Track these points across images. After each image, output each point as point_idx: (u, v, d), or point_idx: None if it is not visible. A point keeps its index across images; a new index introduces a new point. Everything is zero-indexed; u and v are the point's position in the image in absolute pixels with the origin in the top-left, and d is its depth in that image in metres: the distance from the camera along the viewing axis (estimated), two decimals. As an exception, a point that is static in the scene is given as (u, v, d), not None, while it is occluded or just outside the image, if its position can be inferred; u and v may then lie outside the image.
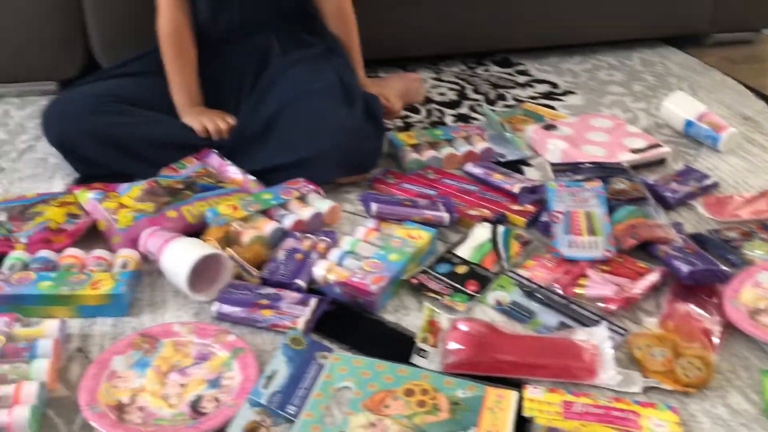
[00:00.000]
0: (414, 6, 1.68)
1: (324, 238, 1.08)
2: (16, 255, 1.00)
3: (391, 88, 1.56)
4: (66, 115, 1.22)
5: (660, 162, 1.35)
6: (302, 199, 1.16)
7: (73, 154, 1.24)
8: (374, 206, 1.12)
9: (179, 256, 0.97)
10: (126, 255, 1.02)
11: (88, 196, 1.12)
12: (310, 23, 1.41)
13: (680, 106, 1.49)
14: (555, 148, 1.36)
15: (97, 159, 1.23)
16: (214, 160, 1.25)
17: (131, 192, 1.13)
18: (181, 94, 1.30)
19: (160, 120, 1.26)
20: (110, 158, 1.22)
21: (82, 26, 1.49)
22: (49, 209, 1.10)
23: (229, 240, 1.06)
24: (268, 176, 1.21)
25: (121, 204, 1.10)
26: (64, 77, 1.55)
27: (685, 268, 0.98)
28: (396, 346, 0.89)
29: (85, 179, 1.24)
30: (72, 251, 1.02)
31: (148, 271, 1.02)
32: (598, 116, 1.50)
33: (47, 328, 0.88)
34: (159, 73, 1.31)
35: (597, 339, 0.88)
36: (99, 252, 1.02)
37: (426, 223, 1.11)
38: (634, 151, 1.34)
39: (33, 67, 1.53)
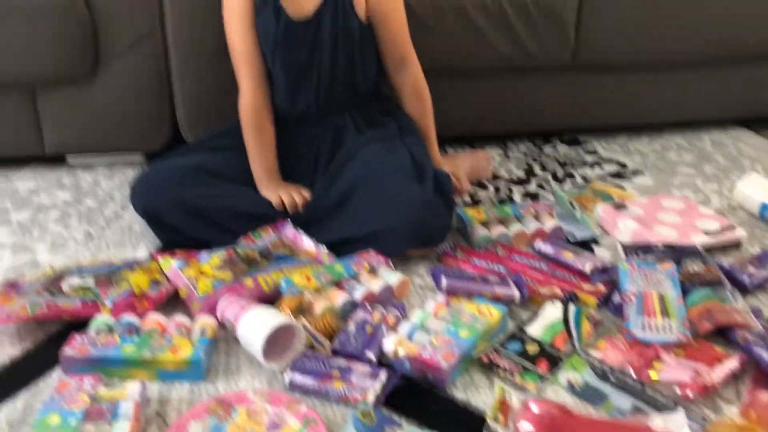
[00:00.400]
0: (483, 85, 1.73)
1: (394, 311, 1.09)
2: (102, 319, 1.05)
3: (460, 166, 1.60)
4: (153, 186, 1.29)
5: (735, 245, 1.33)
6: (373, 271, 1.18)
7: (158, 222, 1.30)
8: (444, 281, 1.13)
9: (255, 325, 1.00)
10: (204, 322, 1.05)
11: (170, 264, 1.17)
12: (382, 103, 1.47)
13: (755, 189, 1.47)
14: (625, 228, 1.36)
15: (180, 227, 1.29)
16: (289, 231, 1.29)
17: (211, 260, 1.18)
18: (260, 168, 1.36)
19: (241, 192, 1.33)
20: (193, 227, 1.28)
21: (171, 104, 1.59)
22: (133, 275, 1.15)
23: (301, 310, 1.09)
24: (340, 248, 1.24)
25: (201, 272, 1.15)
26: (150, 149, 1.65)
27: (767, 356, 0.95)
28: (466, 425, 0.89)
29: (167, 247, 1.30)
30: (154, 316, 1.06)
31: (224, 337, 1.06)
32: (668, 197, 1.49)
33: (129, 391, 0.91)
34: (240, 147, 1.38)
35: (674, 426, 0.86)
36: (179, 318, 1.06)
37: (496, 299, 1.11)
38: (708, 233, 1.33)
39: (123, 140, 1.63)
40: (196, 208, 1.26)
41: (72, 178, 1.60)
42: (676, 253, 1.22)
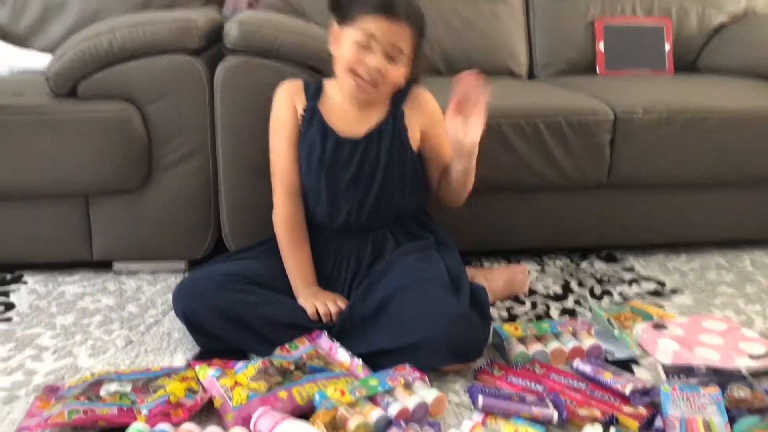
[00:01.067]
0: (519, 201, 1.76)
1: (429, 429, 1.07)
2: (137, 426, 1.05)
3: (497, 279, 1.61)
4: (195, 291, 1.32)
5: (782, 370, 1.29)
6: (408, 386, 1.17)
7: (198, 328, 1.32)
8: (481, 399, 1.11)
9: (288, 439, 0.99)
10: (238, 434, 1.05)
11: (207, 373, 1.18)
12: (421, 217, 1.50)
13: (799, 312, 1.44)
14: (666, 349, 1.33)
15: (218, 334, 1.31)
16: (324, 342, 1.30)
17: (246, 370, 1.18)
18: (296, 277, 1.39)
19: (278, 300, 1.34)
20: (231, 334, 1.30)
21: (216, 214, 1.65)
22: (170, 383, 1.16)
23: (335, 425, 1.07)
24: (376, 360, 1.24)
25: (237, 382, 1.15)
26: (193, 257, 1.69)
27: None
28: None
29: (206, 353, 1.32)
30: (188, 426, 1.06)
31: (257, 451, 1.04)
32: (710, 317, 1.46)
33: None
34: (279, 255, 1.41)
35: None
36: (213, 428, 1.06)
37: (534, 420, 1.09)
38: (753, 356, 1.29)
39: (167, 248, 1.68)
40: (234, 315, 1.29)
41: (117, 284, 1.65)
42: (720, 377, 1.19)
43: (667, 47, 2.24)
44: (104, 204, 1.63)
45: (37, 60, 1.85)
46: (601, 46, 2.20)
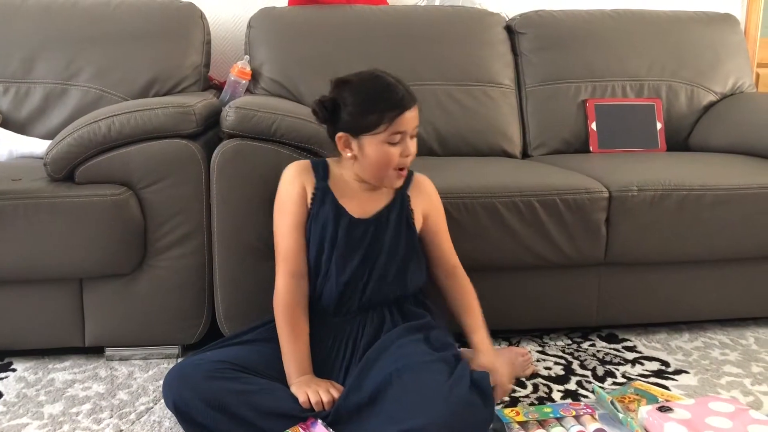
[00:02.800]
0: (518, 281, 1.75)
1: None
2: None
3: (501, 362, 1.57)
4: (184, 379, 1.29)
5: (794, 454, 1.24)
6: (407, 477, 1.12)
7: (188, 418, 1.28)
8: (483, 490, 1.07)
9: None
10: None
11: (197, 464, 1.14)
12: (418, 296, 1.49)
13: (808, 392, 1.40)
14: (673, 433, 1.29)
15: (208, 424, 1.26)
16: (319, 429, 1.25)
17: (239, 461, 1.14)
18: (291, 363, 1.35)
19: (271, 389, 1.30)
20: (221, 424, 1.25)
21: (211, 297, 1.63)
22: (159, 476, 1.11)
23: None
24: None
25: (229, 474, 1.11)
26: (187, 342, 1.66)
27: None
28: None
29: (194, 445, 1.27)
30: None
31: None
32: (717, 399, 1.42)
33: None
34: (274, 340, 1.38)
35: None
36: None
37: None
38: (763, 440, 1.25)
39: (160, 333, 1.65)
40: (225, 405, 1.25)
41: (108, 370, 1.61)
42: (731, 463, 1.14)
43: (659, 126, 2.28)
44: (98, 288, 1.61)
45: (36, 146, 1.87)
46: (593, 125, 2.24)
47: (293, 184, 1.42)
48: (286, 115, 1.56)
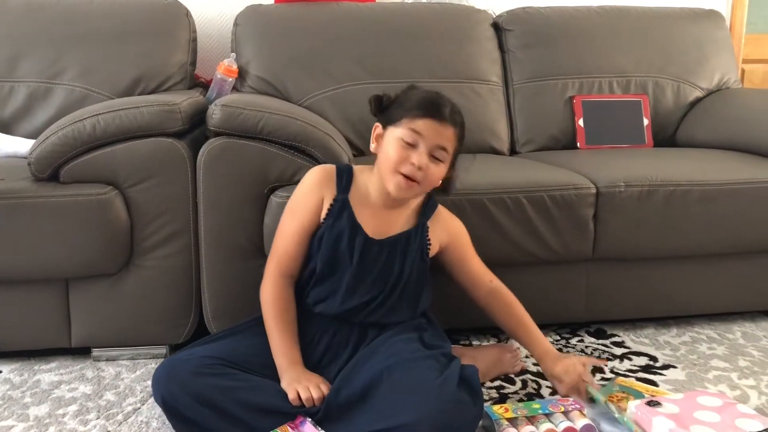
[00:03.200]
0: (506, 277, 1.74)
1: None
2: None
3: (484, 358, 1.58)
4: (172, 374, 1.28)
5: (781, 447, 1.25)
6: (396, 475, 1.12)
7: (176, 414, 1.27)
8: (472, 487, 1.06)
9: None
10: None
11: (185, 465, 1.13)
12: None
13: (794, 385, 1.41)
14: (661, 427, 1.29)
15: (197, 420, 1.26)
16: (308, 429, 1.25)
17: (227, 461, 1.13)
18: (281, 357, 1.35)
19: (260, 385, 1.29)
20: (210, 420, 1.25)
21: (198, 296, 1.62)
22: (146, 476, 1.11)
23: None
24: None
25: (217, 474, 1.10)
26: (174, 342, 1.65)
27: None
28: None
29: (184, 443, 1.26)
30: None
31: None
32: (705, 393, 1.43)
33: None
34: (263, 337, 1.38)
35: None
36: None
37: None
38: (750, 434, 1.26)
39: (148, 333, 1.64)
40: (213, 401, 1.24)
41: (95, 371, 1.60)
42: (718, 457, 1.15)
43: (646, 122, 2.29)
44: (84, 288, 1.60)
45: (20, 145, 1.85)
46: (580, 122, 2.25)
47: (312, 193, 1.40)
48: (272, 112, 1.55)
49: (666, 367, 1.65)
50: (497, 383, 1.55)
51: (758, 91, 2.37)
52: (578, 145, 2.24)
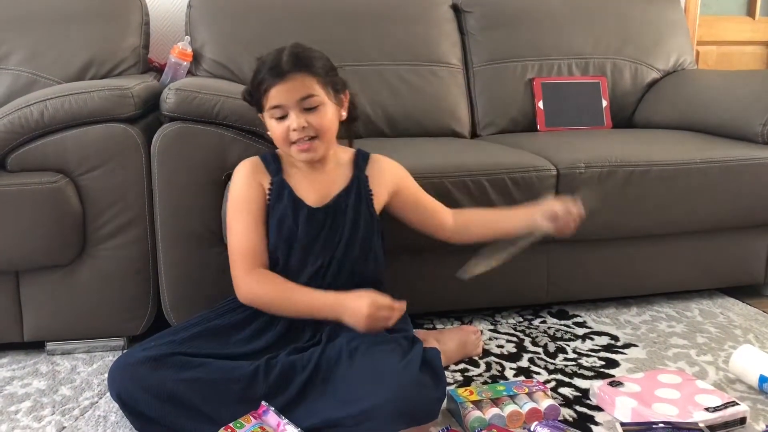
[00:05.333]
0: (469, 259, 1.74)
1: (384, 507, 1.01)
2: None
3: (449, 341, 1.58)
4: (128, 370, 1.24)
5: (740, 421, 1.27)
6: (361, 461, 1.11)
7: (134, 410, 1.24)
8: (437, 472, 1.06)
9: None
10: None
11: (144, 459, 1.10)
12: (378, 287, 1.47)
13: (750, 361, 1.44)
14: (624, 407, 1.30)
15: (155, 416, 1.22)
16: (272, 418, 1.23)
17: (188, 454, 1.10)
18: (317, 300, 1.32)
19: (222, 377, 1.26)
20: (169, 415, 1.22)
21: (156, 287, 1.58)
22: (104, 472, 1.07)
23: None
24: (328, 432, 1.18)
25: (177, 467, 1.07)
26: (132, 333, 1.61)
27: None
28: None
29: (143, 439, 1.23)
30: None
31: None
32: (665, 371, 1.45)
33: None
34: (222, 317, 1.35)
35: None
36: None
37: (493, 491, 1.04)
38: (710, 409, 1.28)
39: (104, 325, 1.59)
40: (172, 395, 1.21)
41: (49, 365, 1.55)
42: (679, 433, 1.17)
43: (605, 103, 2.30)
44: (36, 281, 1.55)
45: (-35, 133, 1.78)
46: (540, 104, 2.25)
47: (249, 183, 1.38)
48: (228, 96, 1.51)
49: (627, 346, 1.67)
50: (461, 366, 1.55)
51: (713, 72, 2.41)
52: (538, 127, 2.24)
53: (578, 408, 1.37)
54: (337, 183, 1.40)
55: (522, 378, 1.49)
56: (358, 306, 1.29)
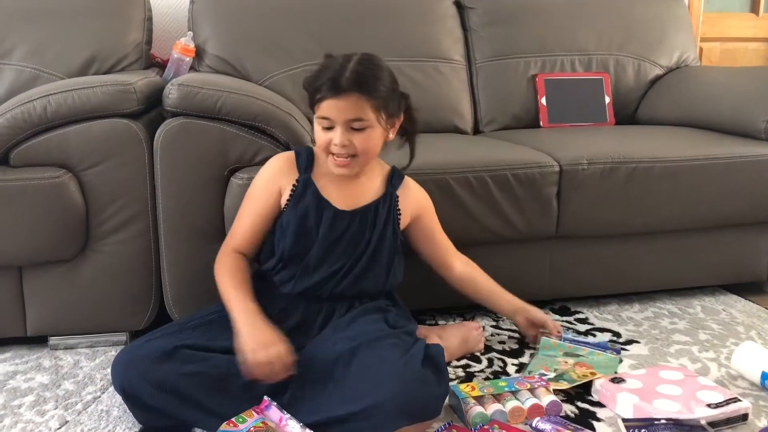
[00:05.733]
0: (471, 256, 1.74)
1: (386, 502, 1.01)
2: None
3: (451, 337, 1.58)
4: (132, 362, 1.25)
5: (742, 418, 1.27)
6: (363, 456, 1.11)
7: (137, 403, 1.25)
8: (439, 467, 1.06)
9: None
10: None
11: (147, 453, 1.10)
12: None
13: (753, 358, 1.44)
14: (626, 403, 1.31)
15: (159, 408, 1.23)
16: (274, 413, 1.23)
17: (190, 448, 1.11)
18: (239, 312, 1.29)
19: (225, 372, 1.26)
20: (172, 408, 1.23)
21: (158, 282, 1.59)
22: (107, 466, 1.08)
23: (286, 503, 1.01)
24: (328, 429, 1.18)
25: (180, 462, 1.08)
26: (135, 328, 1.61)
27: None
28: None
29: (145, 431, 1.24)
30: None
31: None
32: (667, 368, 1.45)
33: None
34: (225, 321, 1.34)
35: None
36: None
37: (495, 486, 1.04)
38: (712, 406, 1.28)
39: (107, 320, 1.59)
40: (174, 388, 1.22)
41: (52, 360, 1.55)
42: (681, 429, 1.16)
43: (607, 99, 2.30)
44: (39, 276, 1.55)
45: (-32, 128, 1.78)
46: (543, 100, 2.25)
47: (270, 182, 1.39)
48: (231, 91, 1.51)
49: (629, 342, 1.67)
50: (463, 362, 1.56)
51: (716, 69, 2.41)
52: (541, 123, 2.24)
53: (580, 404, 1.37)
54: (367, 194, 1.41)
55: (524, 374, 1.49)
56: (245, 347, 1.24)
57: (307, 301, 1.39)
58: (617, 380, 1.38)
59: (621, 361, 1.53)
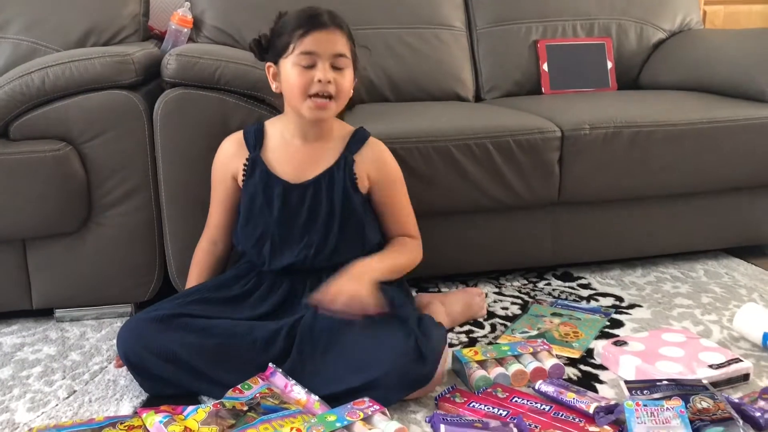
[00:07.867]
0: (473, 224, 1.75)
1: (391, 463, 1.03)
2: (79, 483, 0.99)
3: (454, 303, 1.58)
4: (136, 331, 1.27)
5: (743, 378, 1.28)
6: (367, 420, 1.12)
7: (142, 372, 1.27)
8: (443, 428, 1.08)
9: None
10: (188, 483, 0.98)
11: (154, 420, 1.12)
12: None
13: (754, 319, 1.44)
14: (628, 365, 1.31)
15: (165, 377, 1.25)
16: (279, 379, 1.25)
17: (196, 414, 1.12)
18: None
19: (227, 341, 1.27)
20: (177, 376, 1.25)
21: (162, 253, 1.59)
22: (115, 433, 1.09)
23: (293, 466, 1.02)
24: (331, 402, 1.19)
25: (187, 427, 1.09)
26: (140, 299, 1.63)
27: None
28: None
29: (152, 400, 1.25)
30: (134, 479, 1.00)
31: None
32: (669, 330, 1.46)
33: None
34: (231, 291, 1.37)
35: None
36: (161, 479, 1.00)
37: (498, 447, 1.05)
38: (714, 366, 1.28)
39: (112, 292, 1.60)
40: (179, 357, 1.24)
41: (59, 332, 1.57)
42: (683, 389, 1.17)
43: (610, 65, 2.27)
44: (42, 248, 1.55)
45: (-33, 103, 1.77)
46: (545, 66, 2.23)
47: (223, 168, 1.41)
48: (230, 61, 1.50)
49: (632, 306, 1.67)
50: (466, 328, 1.56)
51: (720, 32, 2.37)
52: (543, 89, 2.22)
53: (582, 367, 1.38)
54: (322, 161, 1.37)
55: (527, 337, 1.50)
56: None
57: (290, 275, 1.38)
58: (620, 343, 1.39)
59: (608, 324, 1.55)
